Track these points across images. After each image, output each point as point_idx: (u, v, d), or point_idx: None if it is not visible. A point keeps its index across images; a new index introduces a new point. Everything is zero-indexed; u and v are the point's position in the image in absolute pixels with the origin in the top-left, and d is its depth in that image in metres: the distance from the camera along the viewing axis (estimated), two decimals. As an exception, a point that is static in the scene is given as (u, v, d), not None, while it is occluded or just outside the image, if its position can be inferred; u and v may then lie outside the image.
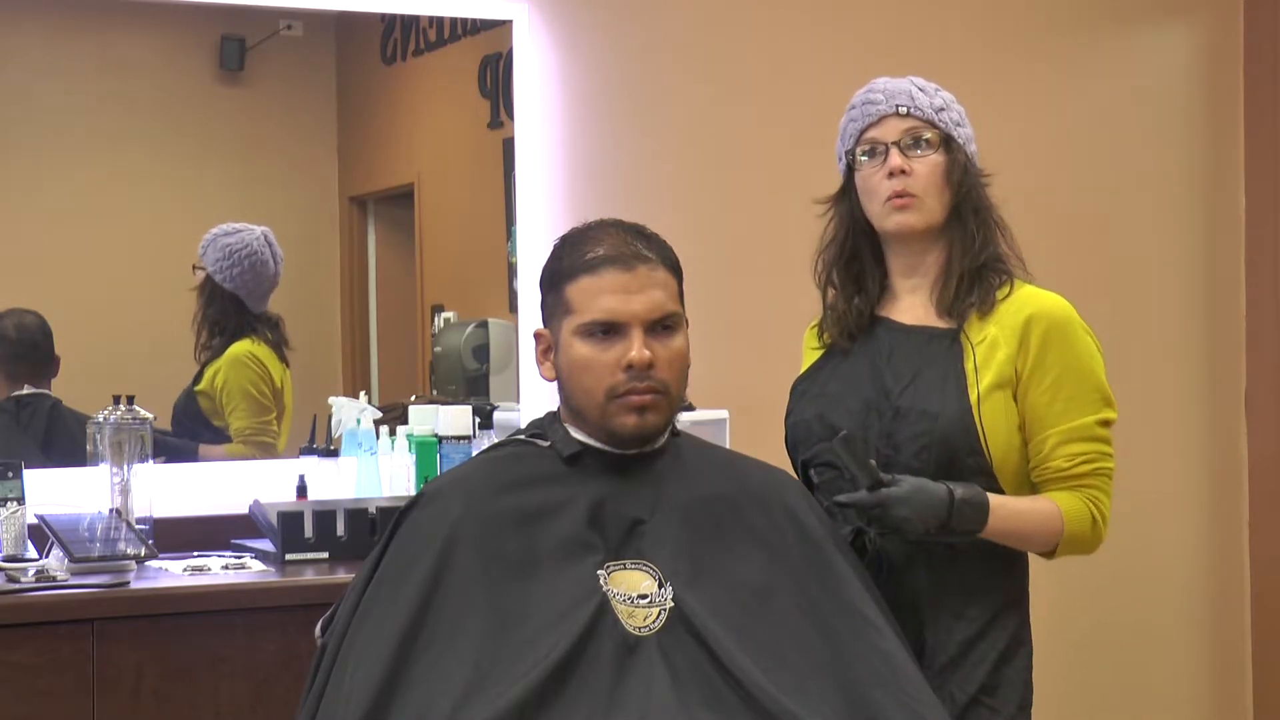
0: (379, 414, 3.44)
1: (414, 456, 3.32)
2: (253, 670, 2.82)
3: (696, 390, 2.78)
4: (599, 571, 2.09)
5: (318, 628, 2.19)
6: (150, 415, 3.18)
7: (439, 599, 2.05)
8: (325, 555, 3.06)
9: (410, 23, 3.79)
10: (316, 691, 2.08)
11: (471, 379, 3.76)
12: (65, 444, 3.37)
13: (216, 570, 2.99)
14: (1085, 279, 3.72)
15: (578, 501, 2.14)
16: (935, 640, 2.38)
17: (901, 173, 2.41)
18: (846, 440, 2.30)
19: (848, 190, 2.50)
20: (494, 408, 3.60)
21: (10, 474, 3.00)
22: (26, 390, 3.41)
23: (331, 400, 3.48)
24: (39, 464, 3.22)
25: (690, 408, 3.15)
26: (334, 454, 3.41)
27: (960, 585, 2.39)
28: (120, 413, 3.14)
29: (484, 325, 3.78)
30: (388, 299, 3.84)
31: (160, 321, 3.57)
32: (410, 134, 3.97)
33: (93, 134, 3.57)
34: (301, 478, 3.29)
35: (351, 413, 3.42)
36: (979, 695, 2.37)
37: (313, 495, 3.26)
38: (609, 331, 2.15)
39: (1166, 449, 4.29)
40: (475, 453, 2.90)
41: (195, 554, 3.11)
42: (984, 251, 2.45)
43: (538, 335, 2.24)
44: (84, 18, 3.56)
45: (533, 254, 3.57)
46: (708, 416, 3.18)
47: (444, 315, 3.81)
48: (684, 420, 2.43)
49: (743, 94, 3.86)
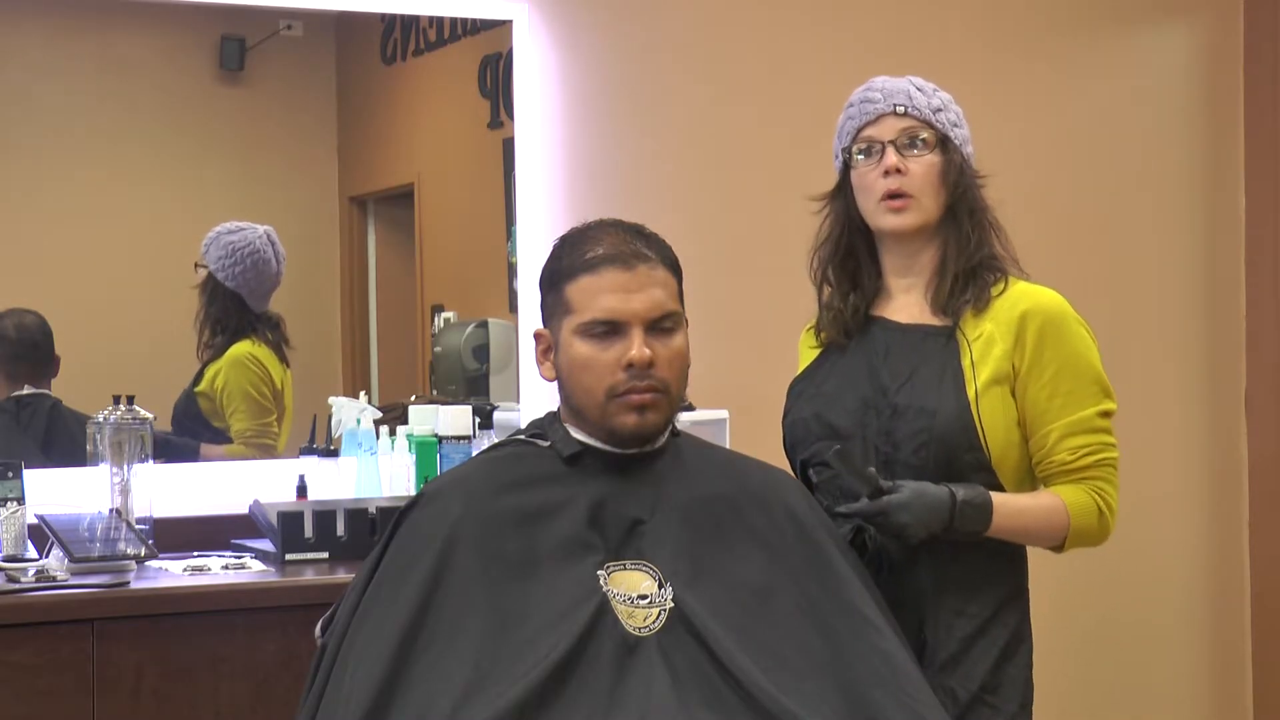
0: (379, 414, 3.43)
1: (414, 456, 3.32)
2: (253, 670, 2.82)
3: (696, 390, 2.78)
4: (599, 572, 2.10)
5: (318, 628, 2.19)
6: (150, 415, 3.18)
7: (439, 599, 2.05)
8: (325, 555, 3.06)
9: (410, 23, 3.79)
10: (316, 691, 2.08)
11: (471, 379, 3.76)
12: (65, 444, 3.37)
13: (216, 570, 2.99)
14: (1085, 279, 3.72)
15: (578, 501, 2.14)
16: (936, 638, 2.38)
17: (897, 171, 2.42)
18: (841, 453, 2.31)
19: (843, 188, 2.51)
20: (494, 408, 3.60)
21: (10, 474, 3.00)
22: (26, 390, 3.41)
23: (331, 400, 3.48)
24: (39, 464, 3.22)
25: (690, 408, 3.15)
26: (334, 454, 3.41)
27: (960, 582, 2.39)
28: (120, 413, 3.14)
29: (484, 325, 3.78)
30: (388, 299, 3.84)
31: (160, 321, 3.57)
32: (410, 134, 3.97)
33: (93, 134, 3.57)
34: (301, 478, 3.29)
35: (351, 413, 3.42)
36: (981, 693, 2.38)
37: (313, 495, 3.26)
38: (609, 331, 2.15)
39: (1166, 449, 4.29)
40: (475, 453, 2.90)
41: (195, 554, 3.11)
42: (978, 251, 2.45)
43: (538, 335, 2.24)
44: (84, 18, 3.56)
45: (533, 254, 3.57)
46: (708, 416, 3.18)
47: (444, 315, 3.81)
48: (684, 420, 2.43)
49: (743, 94, 3.86)
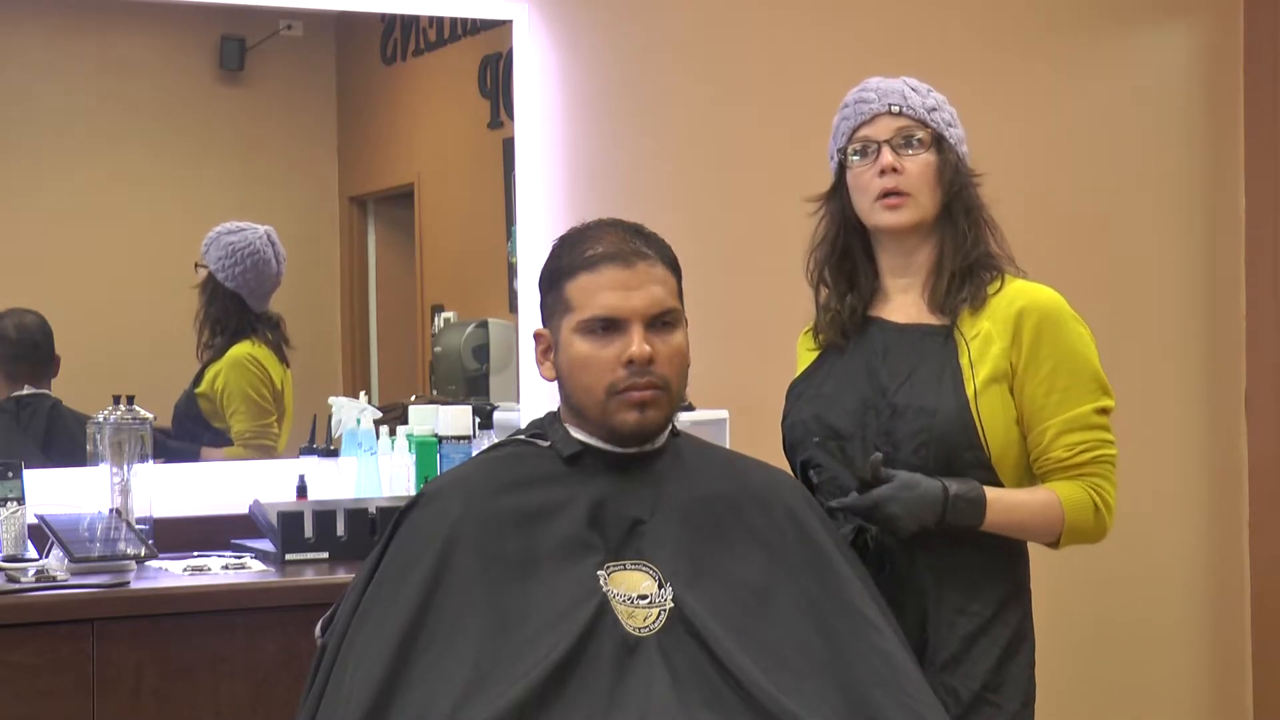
0: (379, 414, 3.43)
1: (414, 456, 3.32)
2: (253, 670, 2.82)
3: (696, 390, 2.78)
4: (599, 572, 2.10)
5: (318, 628, 2.19)
6: (150, 415, 3.18)
7: (439, 599, 2.05)
8: (325, 555, 3.06)
9: (410, 23, 3.79)
10: (316, 691, 2.08)
11: (471, 379, 3.76)
12: (65, 444, 3.37)
13: (216, 570, 2.99)
14: (1085, 279, 3.72)
15: (578, 501, 2.14)
16: (938, 636, 2.39)
17: (893, 171, 2.43)
18: (821, 445, 2.32)
19: (839, 188, 2.51)
20: (494, 408, 3.60)
21: (10, 474, 3.00)
22: (26, 390, 3.41)
23: (331, 400, 3.48)
24: (39, 464, 3.22)
25: (690, 408, 3.15)
26: (334, 454, 3.41)
27: (962, 581, 2.40)
28: (120, 413, 3.14)
29: (484, 325, 3.77)
30: (388, 299, 3.84)
31: (160, 322, 3.57)
32: (410, 134, 3.97)
33: (93, 134, 3.57)
34: (301, 478, 3.29)
35: (351, 413, 3.42)
36: (983, 691, 2.38)
37: (313, 495, 3.26)
38: (609, 328, 2.15)
39: (1166, 449, 4.29)
40: (475, 453, 2.90)
41: (195, 554, 3.11)
42: (975, 250, 2.46)
43: (537, 335, 2.24)
44: (84, 18, 3.56)
45: (533, 254, 3.57)
46: (708, 416, 3.18)
47: (444, 315, 3.81)
48: (684, 420, 2.43)
49: (743, 94, 3.86)
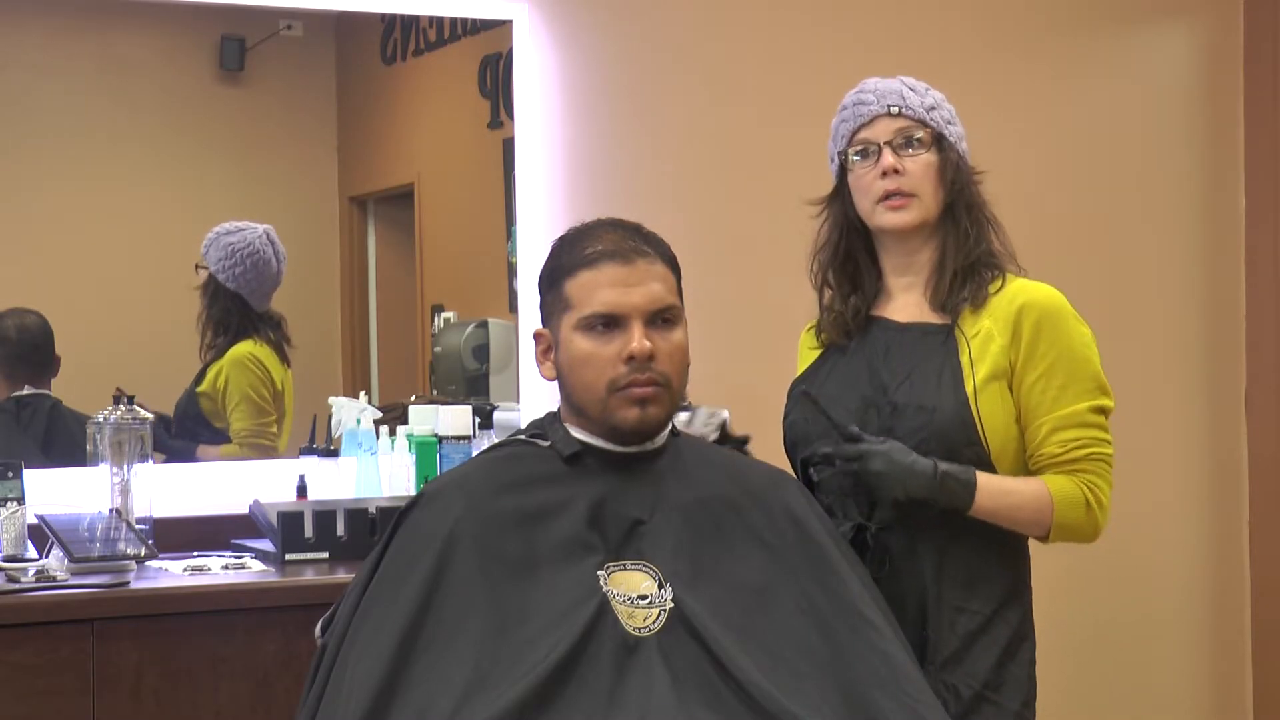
0: (379, 414, 3.44)
1: (414, 456, 3.32)
2: (253, 670, 2.82)
3: (696, 390, 2.78)
4: (599, 572, 2.10)
5: (318, 628, 2.19)
6: (150, 415, 3.18)
7: (439, 599, 2.05)
8: (325, 555, 3.06)
9: (410, 23, 3.79)
10: (316, 691, 2.08)
11: (471, 379, 3.76)
12: (65, 444, 3.37)
13: (216, 570, 2.99)
14: (1085, 279, 3.71)
15: (578, 502, 2.14)
16: (939, 634, 2.39)
17: (895, 172, 2.43)
18: (806, 394, 2.38)
19: (840, 191, 2.52)
20: (494, 408, 3.60)
21: (10, 474, 3.00)
22: (26, 390, 3.41)
23: (331, 400, 3.48)
24: (39, 464, 3.22)
25: (690, 407, 3.15)
26: (334, 454, 3.41)
27: (961, 579, 2.40)
28: (120, 413, 3.14)
29: (484, 325, 3.78)
30: (388, 299, 3.84)
31: (160, 321, 3.57)
32: (410, 134, 3.97)
33: (93, 134, 3.57)
34: (301, 478, 3.29)
35: (351, 413, 3.42)
36: (984, 690, 2.39)
37: (313, 495, 3.26)
38: (609, 325, 2.15)
39: (1166, 449, 4.29)
40: (475, 453, 2.90)
41: (195, 554, 3.11)
42: (977, 248, 2.47)
43: (537, 335, 2.24)
44: (84, 18, 3.56)
45: (533, 254, 3.57)
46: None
47: (444, 315, 3.81)
48: (683, 420, 2.43)
49: (742, 94, 3.86)
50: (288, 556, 3.04)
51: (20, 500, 3.00)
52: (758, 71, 3.88)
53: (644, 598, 2.09)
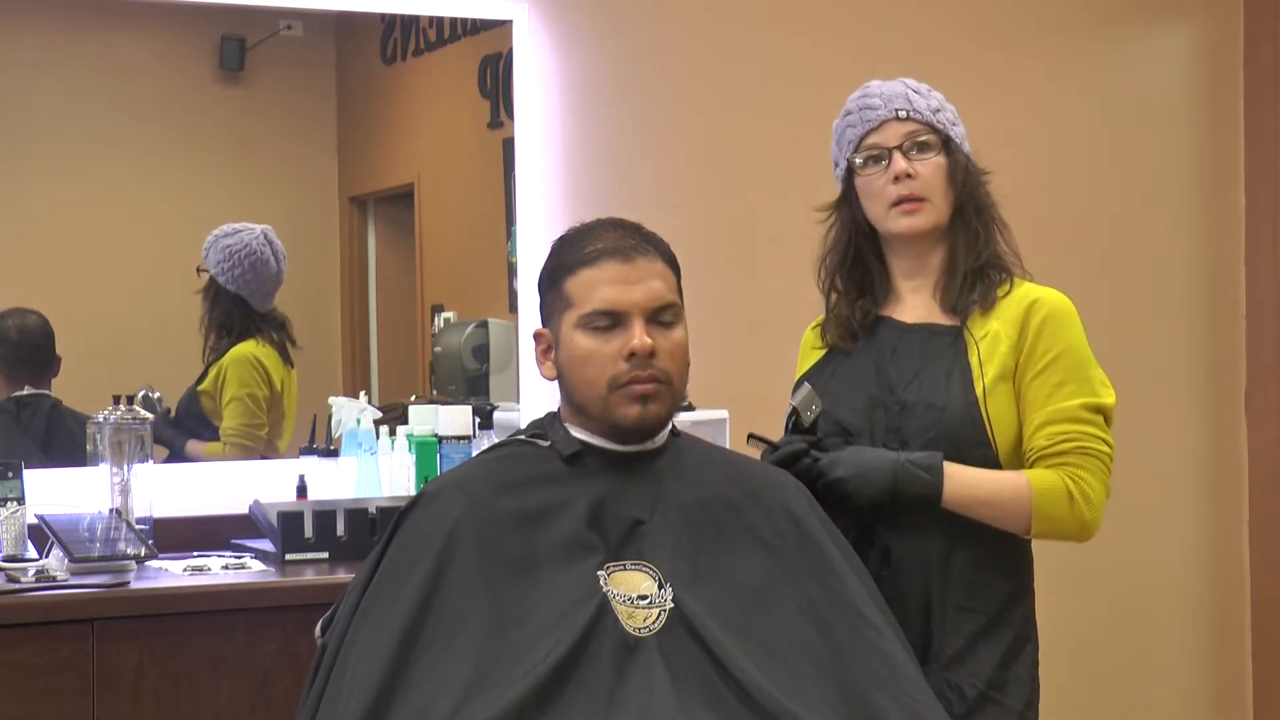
0: (379, 414, 3.44)
1: (414, 456, 3.32)
2: (253, 670, 2.82)
3: (696, 390, 2.78)
4: (599, 572, 2.09)
5: (318, 628, 2.19)
6: (150, 415, 3.18)
7: (439, 599, 2.05)
8: (325, 555, 3.06)
9: (410, 23, 3.79)
10: (316, 691, 2.08)
11: (471, 379, 3.76)
12: (65, 444, 3.37)
13: (216, 570, 2.99)
14: (1085, 279, 3.71)
15: (578, 502, 2.14)
16: (942, 634, 2.39)
17: (907, 176, 2.43)
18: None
19: (848, 196, 2.51)
20: (494, 408, 3.60)
21: (10, 474, 3.00)
22: (27, 390, 3.41)
23: (331, 400, 3.48)
24: (39, 464, 3.22)
25: (690, 408, 3.15)
26: (334, 454, 3.41)
27: (965, 580, 2.40)
28: (120, 413, 3.14)
29: (484, 325, 3.78)
30: (388, 299, 3.84)
31: (160, 321, 3.57)
32: (410, 134, 3.97)
33: (93, 134, 3.57)
34: (301, 478, 3.29)
35: (351, 413, 3.42)
36: (988, 690, 2.39)
37: (313, 495, 3.26)
38: (610, 322, 2.15)
39: (1166, 449, 4.29)
40: (475, 453, 2.90)
41: (195, 554, 3.11)
42: (986, 250, 2.47)
43: (538, 335, 2.24)
44: (84, 18, 3.56)
45: (533, 254, 3.57)
46: (708, 416, 3.17)
47: (444, 315, 3.81)
48: (684, 420, 2.43)
49: (742, 94, 3.86)
50: (288, 556, 3.04)
51: (20, 500, 3.00)
52: (757, 71, 3.88)
53: (644, 598, 2.09)
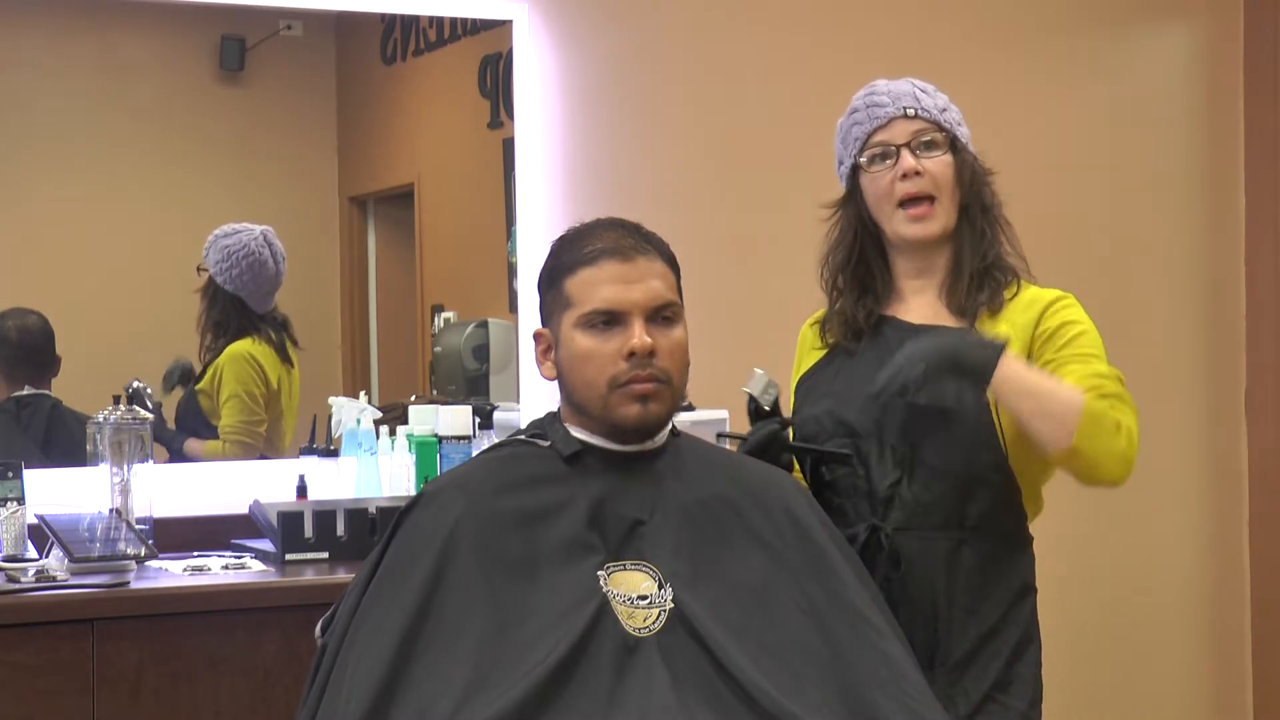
0: (379, 414, 3.44)
1: (414, 456, 3.32)
2: (253, 670, 2.82)
3: (696, 390, 2.78)
4: (599, 572, 2.09)
5: (318, 628, 2.19)
6: (150, 415, 3.18)
7: (439, 599, 2.05)
8: (325, 555, 3.06)
9: (410, 23, 3.79)
10: (316, 691, 2.08)
11: (471, 379, 3.76)
12: (65, 444, 3.37)
13: (216, 570, 2.99)
14: (1085, 279, 3.70)
15: (578, 502, 2.14)
16: (950, 637, 2.39)
17: (916, 174, 2.42)
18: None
19: (853, 194, 2.51)
20: (494, 408, 3.60)
21: (10, 474, 3.00)
22: (26, 390, 3.41)
23: (331, 400, 3.48)
24: (39, 464, 3.22)
25: (690, 408, 3.15)
26: (334, 454, 3.41)
27: (973, 581, 2.40)
28: (120, 413, 3.14)
29: (484, 325, 3.78)
30: (388, 299, 3.84)
31: (161, 321, 3.57)
32: (410, 134, 3.97)
33: (93, 134, 3.57)
34: (301, 478, 3.29)
35: (351, 413, 3.42)
36: (993, 691, 2.39)
37: (313, 495, 3.26)
38: (610, 322, 2.15)
39: (1166, 449, 4.28)
40: (475, 453, 2.90)
41: (195, 554, 3.11)
42: (992, 251, 2.46)
43: (537, 335, 2.24)
44: (84, 18, 3.56)
45: (533, 254, 3.57)
46: (708, 416, 3.17)
47: (444, 315, 3.81)
48: (684, 420, 2.43)
49: (743, 93, 3.86)
50: (288, 556, 3.04)
51: (20, 500, 3.00)
52: (758, 71, 3.88)
53: (644, 598, 2.09)
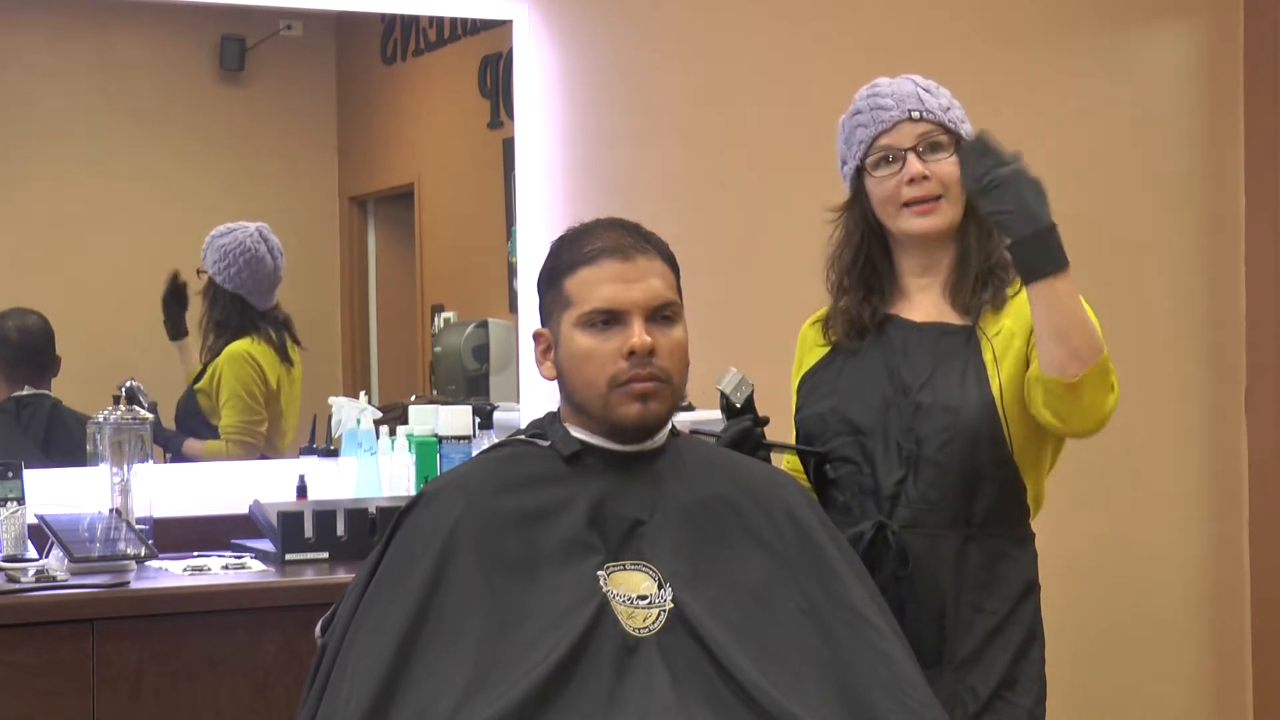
0: (379, 414, 3.43)
1: (414, 456, 3.32)
2: (253, 670, 2.82)
3: (697, 390, 2.78)
4: (599, 572, 2.09)
5: (318, 628, 2.19)
6: (150, 415, 3.18)
7: (439, 599, 2.05)
8: (325, 555, 3.06)
9: (410, 23, 3.79)
10: (316, 691, 2.08)
11: (471, 379, 3.76)
12: (65, 444, 3.37)
13: (216, 570, 2.99)
14: (1085, 279, 3.69)
15: (577, 502, 2.14)
16: (956, 635, 2.40)
17: (923, 178, 2.42)
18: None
19: (858, 196, 2.51)
20: (494, 408, 3.60)
21: (10, 474, 3.00)
22: (26, 390, 3.41)
23: (331, 400, 3.48)
24: (39, 464, 3.22)
25: (690, 408, 3.15)
26: (334, 454, 3.41)
27: (979, 579, 2.41)
28: (120, 413, 3.14)
29: (484, 325, 3.78)
30: (388, 299, 3.84)
31: (161, 321, 3.57)
32: (410, 134, 3.97)
33: (93, 134, 3.57)
34: (301, 478, 3.29)
35: (351, 413, 3.42)
36: (999, 688, 2.40)
37: (313, 495, 3.26)
38: (610, 321, 2.15)
39: (1166, 449, 4.29)
40: (475, 453, 2.90)
41: (195, 554, 3.11)
42: (996, 250, 2.47)
43: (537, 335, 2.24)
44: (84, 18, 3.56)
45: (533, 254, 3.57)
46: (708, 416, 3.17)
47: (444, 315, 3.81)
48: (683, 420, 2.43)
49: (743, 93, 3.86)
50: (288, 556, 3.04)
51: (20, 500, 3.00)
52: (757, 71, 3.88)
53: (644, 598, 2.09)
